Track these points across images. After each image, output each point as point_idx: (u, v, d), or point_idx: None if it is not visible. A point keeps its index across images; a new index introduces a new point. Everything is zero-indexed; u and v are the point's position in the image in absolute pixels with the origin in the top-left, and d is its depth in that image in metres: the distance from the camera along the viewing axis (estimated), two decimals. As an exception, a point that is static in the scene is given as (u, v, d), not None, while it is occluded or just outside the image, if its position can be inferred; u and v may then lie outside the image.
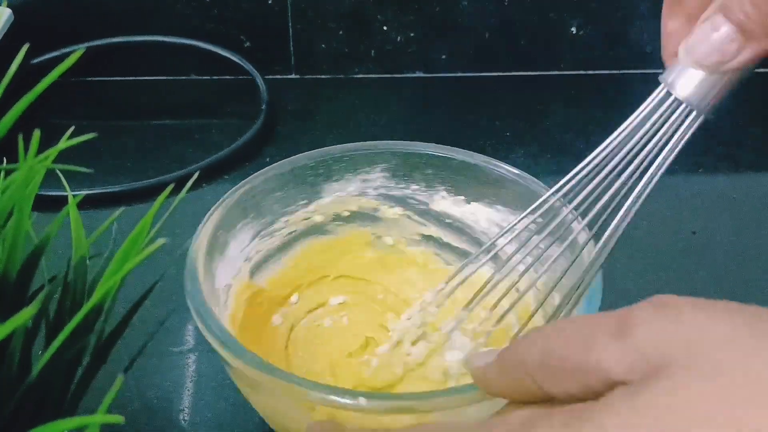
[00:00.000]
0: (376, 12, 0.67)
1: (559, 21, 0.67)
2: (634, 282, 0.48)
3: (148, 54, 0.68)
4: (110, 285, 0.25)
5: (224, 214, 0.37)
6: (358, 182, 0.42)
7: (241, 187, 0.38)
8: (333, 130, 0.63)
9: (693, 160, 0.60)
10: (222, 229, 0.37)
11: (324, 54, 0.69)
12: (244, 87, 0.67)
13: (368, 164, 0.42)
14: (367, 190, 0.43)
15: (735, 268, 0.50)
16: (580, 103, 0.68)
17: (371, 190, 0.43)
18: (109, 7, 0.66)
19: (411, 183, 0.43)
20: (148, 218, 0.27)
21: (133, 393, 0.40)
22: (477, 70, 0.71)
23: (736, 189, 0.57)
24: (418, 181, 0.43)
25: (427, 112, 0.67)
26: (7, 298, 0.25)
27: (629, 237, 0.54)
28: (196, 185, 0.54)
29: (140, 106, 0.67)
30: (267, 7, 0.66)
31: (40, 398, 0.25)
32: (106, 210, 0.52)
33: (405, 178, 0.43)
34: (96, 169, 0.30)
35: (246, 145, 0.59)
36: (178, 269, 0.34)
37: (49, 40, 0.65)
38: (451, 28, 0.68)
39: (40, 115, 0.36)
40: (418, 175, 0.43)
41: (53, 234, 0.26)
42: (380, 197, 0.43)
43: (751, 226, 0.54)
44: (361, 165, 0.42)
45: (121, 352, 0.29)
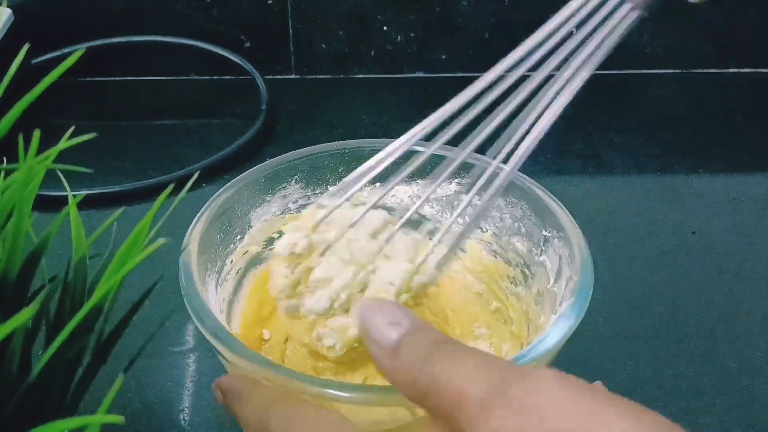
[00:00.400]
0: (376, 12, 0.67)
1: (559, 21, 0.67)
2: (633, 282, 0.48)
3: (148, 54, 0.68)
4: (110, 285, 0.25)
5: (193, 271, 0.35)
6: (278, 201, 0.42)
7: (193, 242, 0.36)
8: (333, 130, 0.63)
9: (693, 160, 0.60)
10: (196, 284, 0.35)
11: (324, 54, 0.69)
12: (244, 87, 0.67)
13: (283, 180, 0.42)
14: (289, 205, 0.43)
15: (735, 268, 0.50)
16: (580, 103, 0.68)
17: (292, 204, 0.43)
18: (109, 7, 0.66)
19: (327, 186, 0.43)
20: (148, 218, 0.27)
21: (133, 393, 0.40)
22: (477, 70, 0.70)
23: (736, 189, 0.57)
24: (332, 182, 0.43)
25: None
26: (7, 298, 0.25)
27: (629, 237, 0.54)
28: (196, 185, 0.54)
29: (140, 106, 0.68)
30: (267, 7, 0.66)
31: (40, 398, 0.25)
32: (106, 210, 0.52)
33: (320, 183, 0.43)
34: (96, 169, 0.30)
35: (246, 145, 0.59)
36: (178, 269, 0.34)
37: (49, 40, 0.65)
38: (451, 28, 0.68)
39: (40, 115, 0.36)
40: (331, 176, 0.43)
41: (53, 234, 0.26)
42: (301, 209, 0.43)
43: (751, 226, 0.54)
44: (277, 182, 0.42)
45: (121, 352, 0.29)
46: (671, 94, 0.68)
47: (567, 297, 0.34)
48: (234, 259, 0.40)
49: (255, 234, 0.42)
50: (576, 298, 0.33)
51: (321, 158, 0.42)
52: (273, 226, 0.43)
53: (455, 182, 0.41)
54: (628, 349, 0.44)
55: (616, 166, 0.59)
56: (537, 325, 0.37)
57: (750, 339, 0.44)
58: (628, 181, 0.58)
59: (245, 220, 0.41)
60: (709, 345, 0.44)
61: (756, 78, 0.71)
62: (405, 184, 0.43)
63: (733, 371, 0.42)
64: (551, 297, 0.36)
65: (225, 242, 0.40)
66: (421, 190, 0.42)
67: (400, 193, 0.43)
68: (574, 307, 0.33)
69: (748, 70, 0.71)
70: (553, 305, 0.36)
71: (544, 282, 0.38)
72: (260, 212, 0.42)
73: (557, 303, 0.35)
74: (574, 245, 0.35)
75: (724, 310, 0.46)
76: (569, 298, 0.34)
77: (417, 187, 0.43)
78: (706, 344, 0.44)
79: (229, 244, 0.40)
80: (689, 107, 0.68)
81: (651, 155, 0.60)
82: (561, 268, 0.36)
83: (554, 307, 0.36)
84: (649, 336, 0.44)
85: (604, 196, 0.56)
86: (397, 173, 0.33)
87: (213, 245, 0.38)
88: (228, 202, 0.39)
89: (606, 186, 0.57)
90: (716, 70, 0.71)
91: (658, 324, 0.45)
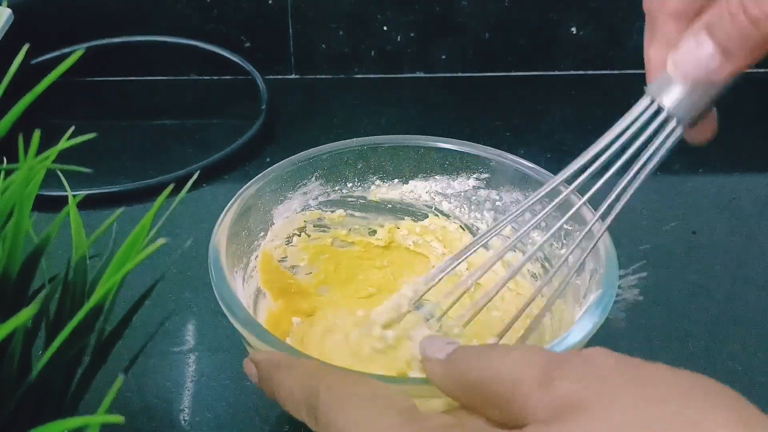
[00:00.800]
0: (376, 12, 0.67)
1: (559, 21, 0.67)
2: (633, 282, 0.48)
3: (148, 54, 0.68)
4: (110, 285, 0.25)
5: (223, 267, 0.35)
6: (299, 197, 0.43)
7: (223, 236, 0.37)
8: (333, 130, 0.63)
9: (693, 160, 0.60)
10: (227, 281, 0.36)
11: (324, 54, 0.69)
12: (244, 87, 0.67)
13: (304, 177, 0.42)
14: (309, 202, 0.43)
15: (735, 268, 0.50)
16: (580, 103, 0.68)
17: (312, 201, 0.43)
18: (109, 7, 0.66)
19: (346, 182, 0.44)
20: (148, 218, 0.27)
21: (133, 393, 0.40)
22: (477, 70, 0.71)
23: (736, 189, 0.57)
24: (351, 179, 0.44)
25: (427, 112, 0.67)
26: (7, 298, 0.25)
27: (629, 236, 0.54)
28: (196, 185, 0.54)
29: (140, 106, 0.67)
30: (267, 7, 0.66)
31: (40, 398, 0.25)
32: (106, 210, 0.52)
33: (339, 180, 0.43)
34: (96, 169, 0.30)
35: (246, 145, 0.59)
36: (179, 269, 0.34)
37: (49, 40, 0.65)
38: (451, 28, 0.68)
39: (40, 115, 0.36)
40: (350, 172, 0.43)
41: (53, 234, 0.26)
42: (321, 205, 0.44)
43: (751, 226, 0.54)
44: (298, 179, 0.42)
45: (121, 352, 0.29)
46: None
47: (592, 290, 0.34)
48: (259, 255, 0.41)
49: (277, 230, 0.42)
50: (604, 290, 0.33)
51: (340, 155, 0.43)
52: (294, 223, 0.43)
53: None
54: (628, 349, 0.43)
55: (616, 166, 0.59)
56: (560, 318, 0.37)
57: (750, 339, 0.44)
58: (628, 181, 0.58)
59: (268, 217, 0.41)
60: (709, 345, 0.44)
61: (756, 78, 0.71)
62: (423, 180, 0.44)
63: (734, 371, 0.42)
64: (574, 290, 0.36)
65: (249, 239, 0.40)
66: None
67: (419, 189, 0.44)
68: (602, 299, 0.33)
69: (748, 70, 0.71)
70: (577, 298, 0.36)
71: (567, 275, 0.37)
72: (282, 209, 0.42)
73: (581, 296, 0.35)
74: (596, 238, 0.35)
75: (724, 310, 0.46)
76: (595, 290, 0.34)
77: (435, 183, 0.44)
78: (705, 344, 0.44)
79: (253, 240, 0.40)
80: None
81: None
82: (584, 261, 0.36)
83: (578, 299, 0.36)
84: (649, 336, 0.44)
85: (604, 195, 0.56)
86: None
87: (238, 241, 0.38)
88: (252, 199, 0.39)
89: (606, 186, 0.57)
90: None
91: (657, 324, 0.45)
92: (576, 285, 0.36)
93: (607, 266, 0.34)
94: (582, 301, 0.35)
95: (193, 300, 0.46)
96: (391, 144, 0.43)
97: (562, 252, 0.39)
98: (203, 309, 0.45)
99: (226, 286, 0.33)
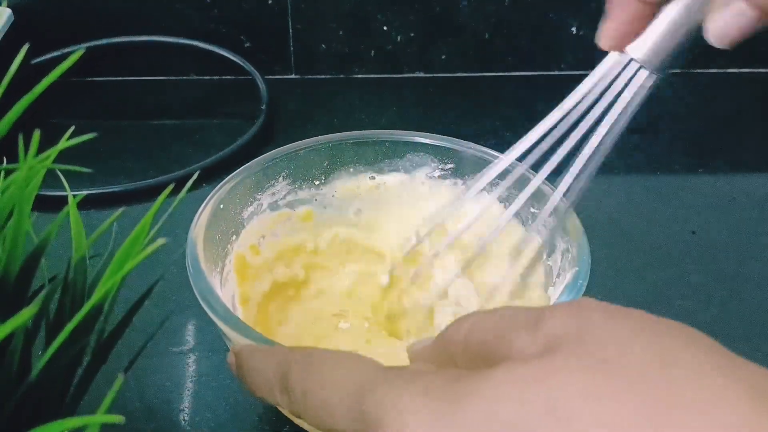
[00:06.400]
0: (376, 12, 0.67)
1: (559, 21, 0.67)
2: (633, 282, 0.48)
3: (148, 54, 0.68)
4: (110, 285, 0.25)
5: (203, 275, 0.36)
6: (268, 198, 0.43)
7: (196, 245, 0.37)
8: (333, 130, 0.63)
9: (693, 160, 0.60)
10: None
11: (324, 54, 0.69)
12: (244, 87, 0.67)
13: (271, 178, 0.42)
14: (278, 202, 0.43)
15: (735, 268, 0.50)
16: (580, 103, 0.68)
17: (281, 201, 0.43)
18: (109, 7, 0.66)
19: (313, 180, 0.44)
20: (148, 218, 0.27)
21: (133, 393, 0.40)
22: (477, 70, 0.71)
23: (736, 189, 0.57)
24: (318, 177, 0.44)
25: (427, 112, 0.67)
26: (7, 298, 0.25)
27: (629, 237, 0.54)
28: (196, 185, 0.54)
29: (140, 106, 0.67)
30: (267, 7, 0.66)
31: (40, 398, 0.25)
32: (106, 210, 0.52)
33: (307, 179, 0.44)
34: (96, 169, 0.30)
35: (246, 145, 0.59)
36: (178, 269, 0.34)
37: (49, 40, 0.65)
38: (451, 28, 0.68)
39: (40, 115, 0.36)
40: (317, 171, 0.44)
41: (53, 234, 0.26)
42: (288, 205, 0.44)
43: (751, 226, 0.54)
44: (266, 180, 0.42)
45: (121, 352, 0.29)
46: (671, 94, 0.68)
47: (566, 268, 0.34)
48: (232, 259, 0.41)
49: (249, 232, 0.42)
50: (579, 267, 0.34)
51: (309, 154, 0.43)
52: (264, 225, 0.43)
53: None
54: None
55: (616, 166, 0.59)
56: (529, 299, 0.37)
57: (750, 339, 0.44)
58: (628, 181, 0.58)
59: (238, 219, 0.41)
60: (709, 345, 0.44)
61: (756, 78, 0.71)
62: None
63: (733, 371, 0.42)
64: (546, 271, 0.37)
65: (222, 243, 0.40)
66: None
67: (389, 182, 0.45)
68: (578, 277, 0.33)
69: (748, 70, 0.71)
70: (549, 278, 0.36)
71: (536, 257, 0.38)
72: (251, 210, 0.42)
73: (554, 276, 0.35)
74: (563, 217, 0.36)
75: (724, 310, 0.46)
76: (569, 269, 0.34)
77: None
78: (706, 344, 0.44)
79: (225, 244, 0.40)
80: (689, 107, 0.68)
81: (651, 155, 0.60)
82: (553, 241, 0.36)
83: (551, 280, 0.36)
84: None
85: (604, 195, 0.56)
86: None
87: (212, 246, 0.38)
88: (222, 202, 0.40)
89: (605, 186, 0.57)
90: (716, 70, 0.71)
91: (658, 324, 0.45)
92: (548, 266, 0.37)
93: (579, 244, 0.34)
94: (555, 280, 0.35)
95: (193, 300, 0.45)
96: (357, 139, 0.44)
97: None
98: (203, 309, 0.45)
99: (203, 280, 0.33)
